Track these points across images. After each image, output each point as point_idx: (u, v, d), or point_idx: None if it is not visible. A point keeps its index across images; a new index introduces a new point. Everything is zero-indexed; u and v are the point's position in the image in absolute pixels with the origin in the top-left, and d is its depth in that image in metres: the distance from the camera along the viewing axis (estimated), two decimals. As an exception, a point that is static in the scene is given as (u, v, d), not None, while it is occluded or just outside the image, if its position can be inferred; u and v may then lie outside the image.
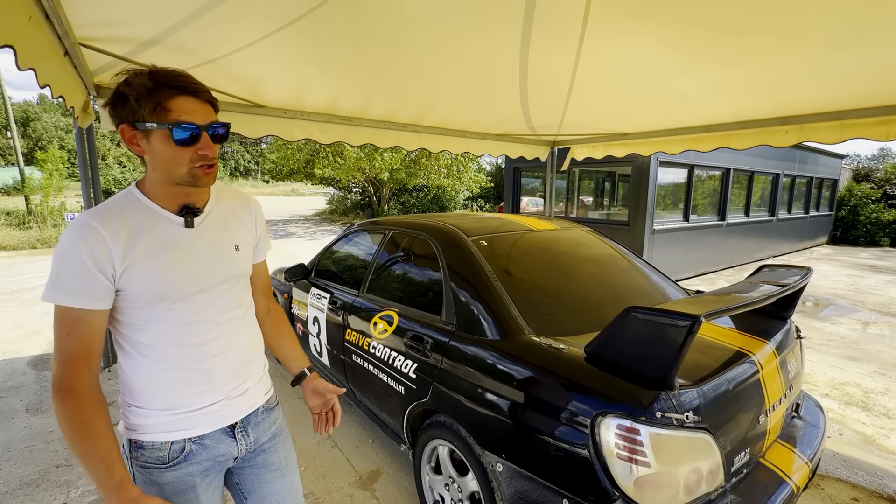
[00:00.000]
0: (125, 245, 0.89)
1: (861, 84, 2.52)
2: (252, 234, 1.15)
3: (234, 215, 1.09)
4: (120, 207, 0.93)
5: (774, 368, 1.64)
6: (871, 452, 2.65)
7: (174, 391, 0.98)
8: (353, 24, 2.06)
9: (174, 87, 0.88)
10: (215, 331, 1.02)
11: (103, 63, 2.47)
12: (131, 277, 0.90)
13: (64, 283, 0.86)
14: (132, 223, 0.91)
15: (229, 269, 1.05)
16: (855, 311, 5.80)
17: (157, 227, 0.94)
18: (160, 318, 0.95)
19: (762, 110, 3.31)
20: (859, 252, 11.87)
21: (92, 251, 0.86)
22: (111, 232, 0.88)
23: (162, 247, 0.94)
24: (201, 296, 0.99)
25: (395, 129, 4.12)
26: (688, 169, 7.58)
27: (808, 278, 1.87)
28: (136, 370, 0.97)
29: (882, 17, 1.75)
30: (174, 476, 0.99)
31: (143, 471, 0.98)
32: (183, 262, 0.96)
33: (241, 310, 1.09)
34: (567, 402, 1.37)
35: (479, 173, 18.70)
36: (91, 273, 0.86)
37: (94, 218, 0.88)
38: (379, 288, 2.48)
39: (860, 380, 3.68)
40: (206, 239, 1.01)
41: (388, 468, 2.45)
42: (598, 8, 1.82)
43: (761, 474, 1.48)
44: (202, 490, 1.03)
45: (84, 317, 0.87)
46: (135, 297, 0.92)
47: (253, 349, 1.13)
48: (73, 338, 0.87)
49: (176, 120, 0.87)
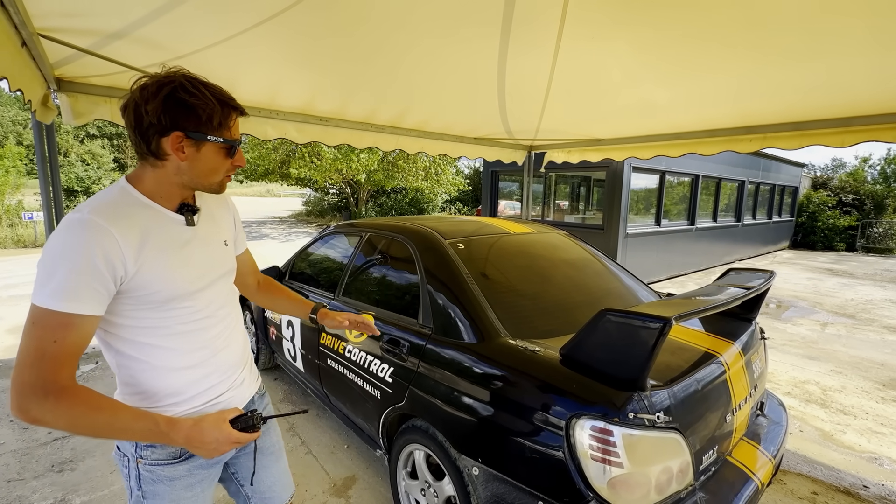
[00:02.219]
0: (136, 247, 0.88)
1: (820, 96, 2.66)
2: (232, 229, 1.19)
3: (217, 212, 1.13)
4: (126, 208, 0.91)
5: (740, 368, 1.70)
6: (829, 448, 2.78)
7: (189, 387, 1.01)
8: (331, 25, 2.03)
9: (233, 107, 0.97)
10: (219, 325, 1.06)
11: (65, 55, 2.35)
12: (143, 278, 0.89)
13: (66, 287, 0.80)
14: (140, 223, 0.91)
15: (223, 265, 1.09)
16: (814, 313, 6.09)
17: (162, 226, 0.95)
18: (169, 316, 0.96)
19: (728, 119, 3.44)
20: (818, 256, 12.49)
21: (106, 253, 0.83)
22: (122, 232, 0.86)
23: (169, 246, 0.95)
24: (205, 292, 1.01)
25: (372, 130, 4.08)
26: (659, 175, 7.81)
27: (771, 281, 1.95)
28: (146, 373, 0.96)
29: (838, 35, 1.85)
30: (185, 469, 1.02)
31: (153, 468, 0.99)
32: (188, 260, 0.98)
33: (234, 304, 1.14)
34: (542, 404, 1.38)
35: (457, 176, 18.76)
36: (101, 277, 0.83)
37: (102, 217, 0.85)
38: (355, 291, 2.44)
39: (819, 378, 3.86)
40: (202, 236, 1.04)
41: (363, 474, 2.42)
42: (574, 14, 1.86)
43: (728, 472, 1.53)
44: (208, 483, 1.08)
45: (80, 323, 0.82)
46: (146, 297, 0.91)
47: (245, 340, 1.19)
48: (61, 344, 0.81)
49: (231, 136, 0.97)
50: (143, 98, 0.90)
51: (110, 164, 27.05)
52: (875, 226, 14.54)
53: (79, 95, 2.83)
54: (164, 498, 1.01)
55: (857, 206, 15.31)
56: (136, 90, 0.92)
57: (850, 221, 14.32)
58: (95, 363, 3.86)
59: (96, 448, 2.60)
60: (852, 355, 4.46)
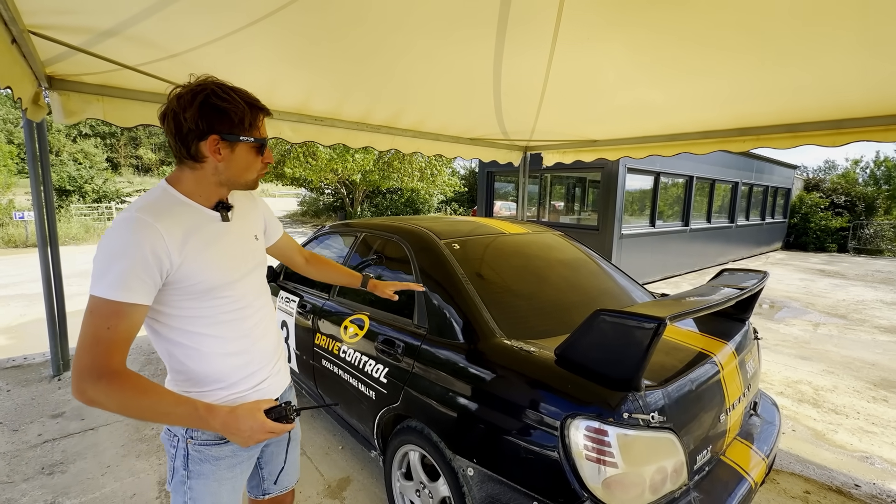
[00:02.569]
0: (180, 242, 0.97)
1: (811, 99, 2.68)
2: (261, 222, 1.29)
3: (247, 210, 1.21)
4: (169, 206, 1.00)
5: (734, 368, 1.70)
6: (821, 447, 2.80)
7: (233, 372, 1.09)
8: (327, 24, 2.02)
9: (260, 108, 1.06)
10: (257, 315, 1.15)
11: (57, 53, 2.33)
12: (186, 270, 0.98)
13: (118, 279, 0.89)
14: (182, 220, 1.00)
15: (255, 257, 1.18)
16: (806, 313, 6.15)
17: (202, 223, 1.04)
18: (211, 305, 1.04)
19: (722, 121, 3.47)
20: (810, 257, 12.61)
21: (154, 247, 0.92)
22: (167, 228, 0.95)
23: (209, 240, 1.04)
24: (241, 283, 1.10)
25: (367, 130, 4.08)
26: (654, 176, 7.85)
27: (764, 282, 1.96)
28: (194, 360, 1.05)
29: (828, 38, 1.86)
30: (229, 450, 1.11)
31: (201, 448, 1.08)
32: (225, 253, 1.07)
33: (267, 296, 1.23)
34: (537, 404, 1.38)
35: (452, 177, 18.77)
36: (150, 269, 0.92)
37: (148, 215, 0.94)
38: (350, 291, 2.43)
39: (811, 378, 3.89)
40: (236, 231, 1.12)
41: (358, 475, 2.41)
42: (569, 16, 1.86)
43: (722, 471, 1.54)
44: (247, 466, 1.18)
45: (130, 312, 0.91)
46: (188, 288, 1.00)
47: (278, 331, 1.30)
48: (114, 331, 0.89)
49: (260, 136, 1.06)
50: (181, 106, 0.98)
51: (103, 163, 26.84)
52: (866, 227, 14.71)
53: (70, 94, 2.80)
54: (207, 477, 1.09)
55: (849, 208, 15.48)
56: (172, 100, 0.99)
57: (841, 223, 14.47)
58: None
59: (87, 450, 2.57)
60: (844, 355, 4.50)
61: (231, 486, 1.14)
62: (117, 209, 15.98)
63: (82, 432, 2.76)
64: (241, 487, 1.19)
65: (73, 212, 14.46)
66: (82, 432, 2.76)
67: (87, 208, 15.14)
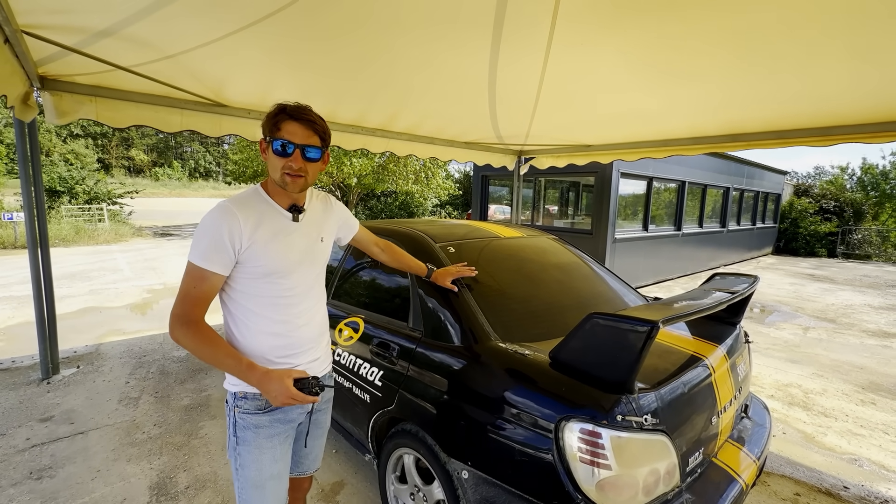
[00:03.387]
0: (252, 229, 1.18)
1: (801, 106, 2.73)
2: (334, 224, 1.49)
3: (322, 213, 1.41)
4: (252, 201, 1.24)
5: (725, 371, 1.72)
6: (810, 449, 2.83)
7: (271, 352, 1.26)
8: (323, 27, 2.03)
9: (287, 113, 1.20)
10: (302, 305, 1.31)
11: (50, 53, 2.31)
12: (252, 253, 1.19)
13: (204, 250, 1.14)
14: (258, 213, 1.22)
15: (314, 255, 1.35)
16: (796, 317, 6.22)
17: (274, 219, 1.25)
18: (265, 288, 1.23)
19: (714, 127, 3.52)
20: (800, 262, 12.76)
21: (231, 229, 1.15)
22: (244, 217, 1.18)
23: (276, 234, 1.24)
24: (294, 274, 1.27)
25: (362, 133, 4.08)
26: (647, 181, 7.93)
27: (755, 286, 1.99)
28: (242, 332, 1.25)
29: (817, 47, 1.90)
30: (267, 420, 1.27)
31: (245, 416, 1.26)
32: (288, 247, 1.25)
33: (319, 291, 1.40)
34: (532, 407, 1.38)
35: (447, 180, 18.79)
36: (226, 247, 1.15)
37: (234, 205, 1.19)
38: (345, 294, 2.43)
39: (801, 381, 3.94)
40: (304, 231, 1.31)
41: (352, 479, 2.39)
42: (564, 21, 1.88)
43: (714, 473, 1.55)
44: (284, 439, 1.32)
45: (210, 277, 1.16)
46: (251, 269, 1.20)
47: (325, 326, 1.45)
48: (199, 290, 1.15)
49: (278, 137, 1.19)
50: None
51: (94, 164, 26.56)
52: (854, 233, 14.93)
53: (63, 94, 2.78)
54: (249, 444, 1.26)
55: (838, 213, 15.70)
56: None
57: (830, 228, 14.67)
58: (77, 367, 3.77)
59: (76, 454, 2.54)
60: (833, 359, 4.56)
61: (271, 456, 1.29)
62: (108, 210, 15.81)
63: (71, 436, 2.72)
64: (281, 459, 1.32)
65: (63, 213, 14.27)
66: (71, 436, 2.72)
67: (77, 209, 14.96)
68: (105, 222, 14.86)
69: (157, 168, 46.84)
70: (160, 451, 2.60)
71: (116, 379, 3.56)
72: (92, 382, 3.49)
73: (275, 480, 1.30)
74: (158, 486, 2.29)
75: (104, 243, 12.32)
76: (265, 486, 1.28)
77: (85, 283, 7.22)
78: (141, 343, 4.44)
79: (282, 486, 1.34)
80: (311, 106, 1.26)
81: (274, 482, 1.30)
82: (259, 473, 1.27)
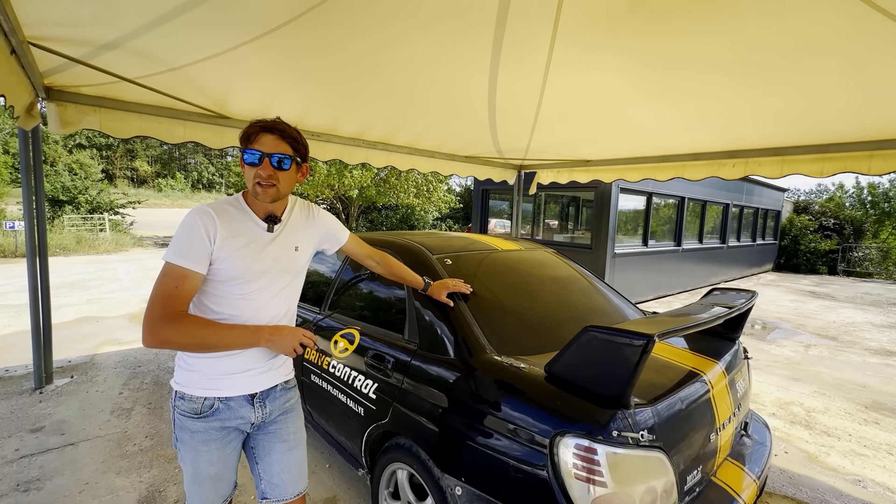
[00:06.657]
0: (225, 234, 1.21)
1: (800, 124, 2.75)
2: (315, 235, 1.49)
3: (303, 223, 1.43)
4: (231, 208, 1.27)
5: (724, 387, 1.70)
6: (813, 469, 2.78)
7: (215, 356, 1.25)
8: (326, 42, 2.07)
9: (259, 125, 1.23)
10: (262, 311, 1.30)
11: (56, 64, 2.35)
12: (220, 254, 1.20)
13: (185, 249, 1.16)
14: (235, 219, 1.25)
15: (286, 264, 1.35)
16: (798, 335, 6.17)
17: (248, 226, 1.28)
18: (229, 291, 1.24)
19: (713, 144, 3.54)
20: (801, 279, 12.72)
21: (207, 229, 1.19)
22: (221, 220, 1.21)
23: (249, 243, 1.26)
24: (259, 281, 1.28)
25: (364, 146, 4.12)
26: (646, 196, 7.96)
27: (753, 301, 1.98)
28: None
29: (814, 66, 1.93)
30: (201, 426, 1.27)
31: (181, 418, 1.28)
32: (256, 256, 1.27)
33: (286, 299, 1.38)
34: (526, 421, 1.36)
35: (448, 194, 18.88)
36: (204, 245, 1.18)
37: (212, 208, 1.23)
38: (341, 306, 2.42)
39: (803, 399, 3.89)
40: (278, 241, 1.33)
41: (344, 495, 2.35)
42: (563, 38, 1.92)
43: (713, 493, 1.52)
44: (221, 445, 1.30)
45: (191, 276, 1.17)
46: (217, 271, 1.22)
47: None
48: (180, 289, 1.15)
49: (248, 147, 1.23)
50: None
51: (98, 174, 26.74)
52: (855, 250, 14.91)
53: (67, 104, 2.81)
54: (186, 445, 1.28)
55: (838, 231, 15.71)
56: None
57: (830, 245, 14.66)
58: (70, 377, 3.74)
59: (66, 466, 2.50)
60: (835, 377, 4.50)
61: (207, 459, 1.28)
62: (110, 220, 15.86)
63: (61, 447, 2.68)
64: (220, 462, 1.30)
65: (65, 222, 14.33)
66: (61, 447, 2.68)
67: (80, 219, 15.02)
68: (106, 232, 14.91)
69: (161, 179, 47.16)
70: (150, 463, 2.55)
71: (110, 389, 3.53)
72: (85, 393, 3.45)
73: (212, 480, 1.31)
74: (147, 499, 2.25)
75: (104, 252, 12.34)
76: (203, 483, 1.30)
77: (83, 292, 7.20)
78: (136, 353, 4.41)
79: (222, 485, 1.33)
80: (308, 119, 1.29)
81: (212, 481, 1.31)
82: (196, 472, 1.29)
